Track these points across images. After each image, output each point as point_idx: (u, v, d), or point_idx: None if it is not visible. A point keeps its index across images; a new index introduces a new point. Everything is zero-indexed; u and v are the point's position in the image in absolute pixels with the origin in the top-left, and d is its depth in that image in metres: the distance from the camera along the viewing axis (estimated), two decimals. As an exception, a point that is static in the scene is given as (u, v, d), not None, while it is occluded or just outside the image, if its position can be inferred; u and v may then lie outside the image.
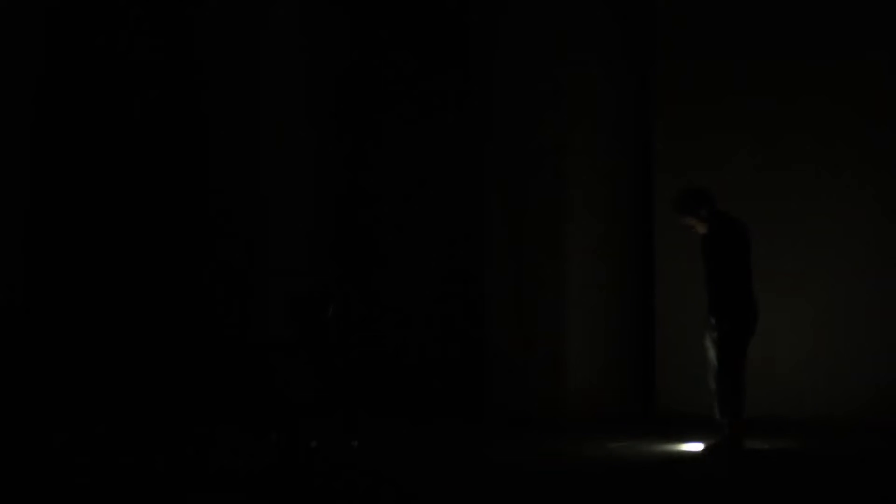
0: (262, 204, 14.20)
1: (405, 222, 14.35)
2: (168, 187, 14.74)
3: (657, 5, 13.12)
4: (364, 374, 13.16)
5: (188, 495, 9.32)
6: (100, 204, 14.85)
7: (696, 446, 10.91)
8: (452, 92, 14.08)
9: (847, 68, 12.30)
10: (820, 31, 12.39)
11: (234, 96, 14.27)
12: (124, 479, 9.89)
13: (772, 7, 12.60)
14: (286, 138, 14.30)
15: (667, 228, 12.41)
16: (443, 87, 14.18)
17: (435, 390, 13.81)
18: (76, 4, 14.82)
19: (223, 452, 11.20)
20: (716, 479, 9.93)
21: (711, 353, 10.73)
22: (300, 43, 14.39)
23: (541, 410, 12.67)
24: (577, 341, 12.79)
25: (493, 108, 13.22)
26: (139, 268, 14.75)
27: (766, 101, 12.56)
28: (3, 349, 14.16)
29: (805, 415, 12.07)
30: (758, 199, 12.40)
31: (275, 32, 14.31)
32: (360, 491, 9.45)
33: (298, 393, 12.93)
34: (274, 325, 13.58)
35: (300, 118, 14.37)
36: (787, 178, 12.50)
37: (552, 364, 12.75)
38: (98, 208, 14.85)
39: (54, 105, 14.85)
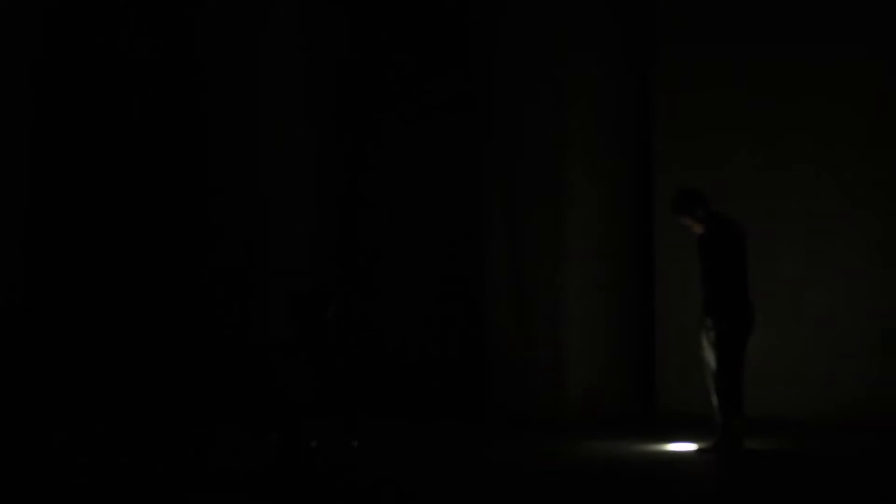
0: (262, 204, 14.20)
1: (405, 222, 14.35)
2: (168, 187, 14.75)
3: (657, 5, 13.12)
4: (364, 374, 13.17)
5: (188, 495, 9.32)
6: (100, 204, 14.86)
7: (696, 446, 10.91)
8: (452, 92, 14.08)
9: (847, 68, 12.30)
10: (820, 31, 12.39)
11: (234, 96, 14.27)
12: (124, 479, 9.89)
13: (772, 7, 12.59)
14: (286, 138, 14.30)
15: (667, 228, 12.40)
16: (443, 87, 14.18)
17: (435, 390, 13.81)
18: (76, 4, 14.83)
19: (223, 452, 11.20)
20: (715, 479, 9.93)
21: (709, 354, 10.73)
22: (300, 43, 14.40)
23: (541, 410, 12.67)
24: (577, 341, 12.79)
25: (493, 108, 13.22)
26: (139, 268, 14.76)
27: (766, 101, 12.56)
28: (4, 349, 14.17)
29: (805, 415, 12.07)
30: (758, 199, 12.40)
31: (275, 32, 14.31)
32: (360, 491, 9.45)
33: (298, 393, 12.94)
34: (274, 325, 13.59)
35: (300, 118, 14.38)
36: (787, 178, 12.50)
37: (552, 364, 12.75)
38: (98, 208, 14.86)
39: (54, 105, 14.86)
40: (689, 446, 11.01)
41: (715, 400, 10.71)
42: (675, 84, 12.97)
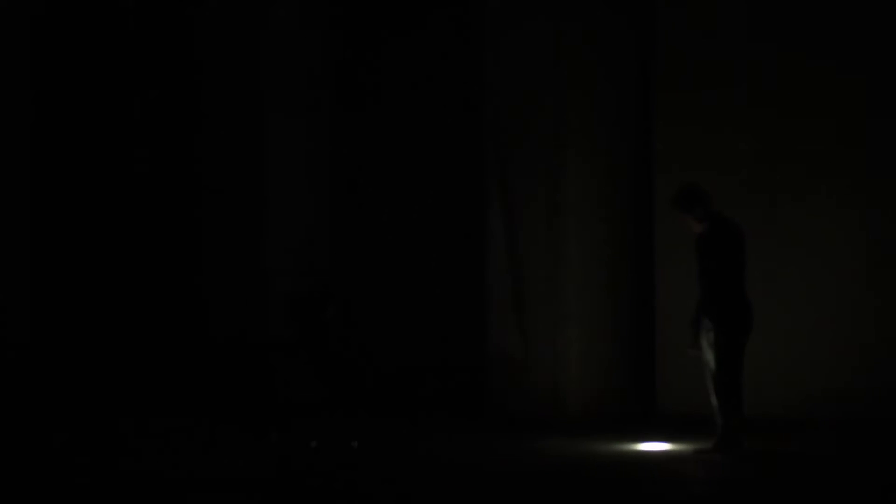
0: (262, 204, 14.21)
1: (405, 222, 14.35)
2: (168, 187, 14.76)
3: (657, 5, 13.12)
4: (364, 373, 13.17)
5: (188, 495, 9.32)
6: (100, 203, 14.87)
7: (696, 446, 10.91)
8: (453, 91, 14.09)
9: (847, 68, 12.29)
10: (820, 31, 12.38)
11: (234, 96, 14.28)
12: (124, 479, 9.89)
13: (772, 7, 12.59)
14: (286, 138, 14.31)
15: (667, 229, 12.40)
16: (443, 87, 14.19)
17: (435, 390, 13.82)
18: (77, 5, 14.84)
19: (223, 452, 11.20)
20: (715, 480, 9.93)
21: (708, 355, 10.73)
22: (300, 43, 14.40)
23: (541, 410, 12.67)
24: (577, 341, 12.79)
25: (492, 108, 13.22)
26: (139, 267, 14.77)
27: (767, 100, 12.55)
28: (4, 346, 14.19)
29: (805, 415, 12.07)
30: (758, 200, 12.39)
31: (275, 32, 14.32)
32: (360, 491, 9.45)
33: (298, 393, 12.95)
34: (274, 325, 13.60)
35: (300, 118, 14.39)
36: (787, 179, 12.49)
37: (552, 364, 12.75)
38: (98, 208, 14.87)
39: (54, 105, 14.87)
40: (689, 446, 11.01)
41: (714, 400, 10.71)
42: (675, 84, 12.96)
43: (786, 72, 12.48)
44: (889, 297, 12.15)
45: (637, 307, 13.14)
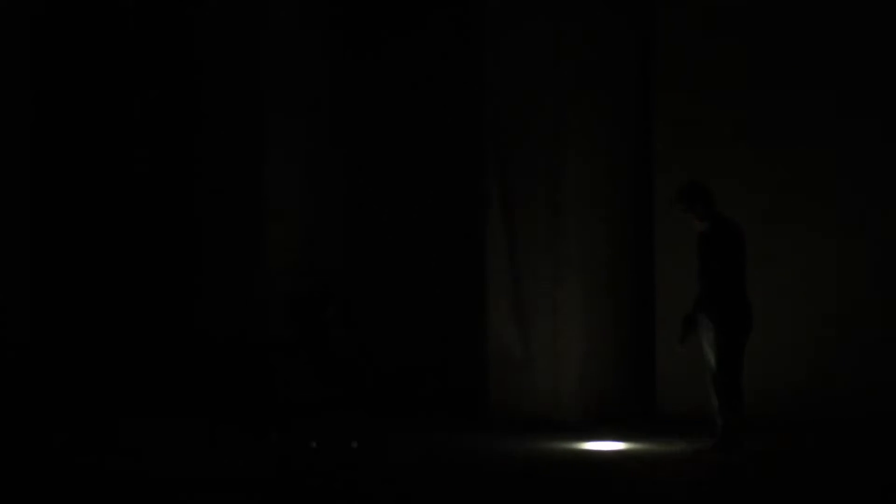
0: (262, 204, 14.21)
1: (405, 222, 14.35)
2: (167, 187, 14.76)
3: (657, 5, 13.12)
4: (364, 373, 13.17)
5: (188, 495, 9.32)
6: (99, 204, 14.87)
7: (696, 446, 10.91)
8: (453, 91, 14.09)
9: (848, 68, 12.30)
10: (821, 30, 12.39)
11: (234, 96, 14.28)
12: (124, 479, 9.89)
13: (772, 8, 12.60)
14: (286, 138, 14.31)
15: (667, 229, 12.41)
16: (443, 87, 14.19)
17: (435, 390, 13.82)
18: (77, 5, 14.85)
19: (223, 452, 11.20)
20: (715, 480, 9.93)
21: (709, 355, 10.73)
22: (300, 43, 14.41)
23: (541, 410, 12.67)
24: (577, 341, 12.78)
25: (492, 108, 13.22)
26: (139, 267, 14.77)
27: (767, 100, 12.56)
28: (5, 344, 14.20)
29: (804, 415, 12.07)
30: (758, 200, 12.39)
31: (275, 32, 14.32)
32: (360, 491, 9.46)
33: (298, 393, 12.95)
34: (274, 325, 13.60)
35: (300, 118, 14.39)
36: (787, 179, 12.49)
37: (552, 364, 12.75)
38: (98, 208, 14.88)
39: (54, 105, 14.87)
40: (689, 446, 11.01)
41: (715, 400, 10.71)
42: (675, 84, 12.97)
43: (786, 71, 12.49)
44: (889, 297, 12.15)
45: (637, 307, 13.15)
